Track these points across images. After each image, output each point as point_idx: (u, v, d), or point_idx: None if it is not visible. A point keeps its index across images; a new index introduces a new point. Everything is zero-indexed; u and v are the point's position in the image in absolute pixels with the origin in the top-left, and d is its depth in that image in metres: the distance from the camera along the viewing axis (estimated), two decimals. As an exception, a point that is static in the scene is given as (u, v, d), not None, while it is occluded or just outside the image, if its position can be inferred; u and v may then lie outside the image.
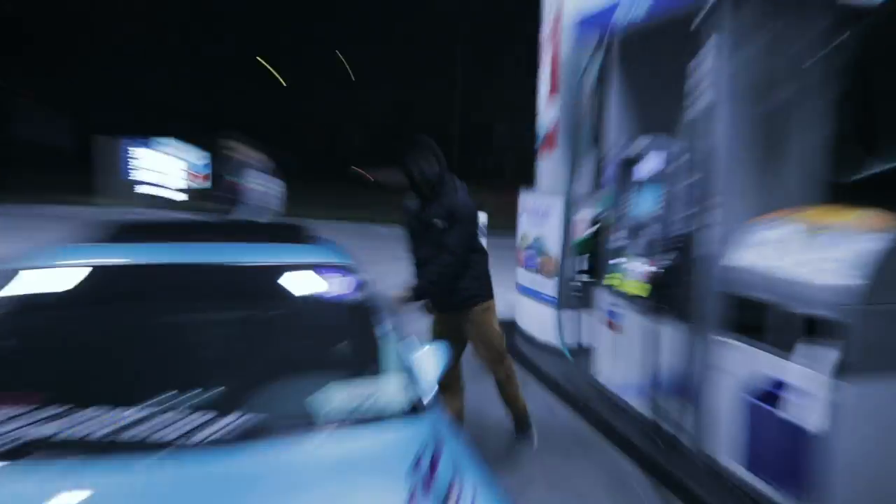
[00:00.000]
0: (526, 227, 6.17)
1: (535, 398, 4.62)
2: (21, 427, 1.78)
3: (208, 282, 2.49)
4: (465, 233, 3.65)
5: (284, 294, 2.57)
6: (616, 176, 4.36)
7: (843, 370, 2.76)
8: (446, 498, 1.69)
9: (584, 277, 4.65)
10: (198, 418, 1.86)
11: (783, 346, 3.03)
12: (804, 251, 3.06)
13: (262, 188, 7.16)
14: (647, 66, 4.62)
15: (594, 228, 4.63)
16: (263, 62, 34.86)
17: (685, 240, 3.66)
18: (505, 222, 7.90)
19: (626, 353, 4.31)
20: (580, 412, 4.59)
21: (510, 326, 6.03)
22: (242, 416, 1.88)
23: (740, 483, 3.32)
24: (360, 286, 2.62)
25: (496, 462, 3.61)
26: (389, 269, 4.59)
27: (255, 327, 2.44)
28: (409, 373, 2.33)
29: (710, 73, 3.50)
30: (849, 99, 3.66)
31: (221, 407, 1.90)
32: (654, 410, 3.93)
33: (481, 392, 4.13)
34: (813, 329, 2.91)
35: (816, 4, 3.56)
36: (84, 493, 1.62)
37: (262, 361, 2.27)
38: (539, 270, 5.87)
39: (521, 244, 6.23)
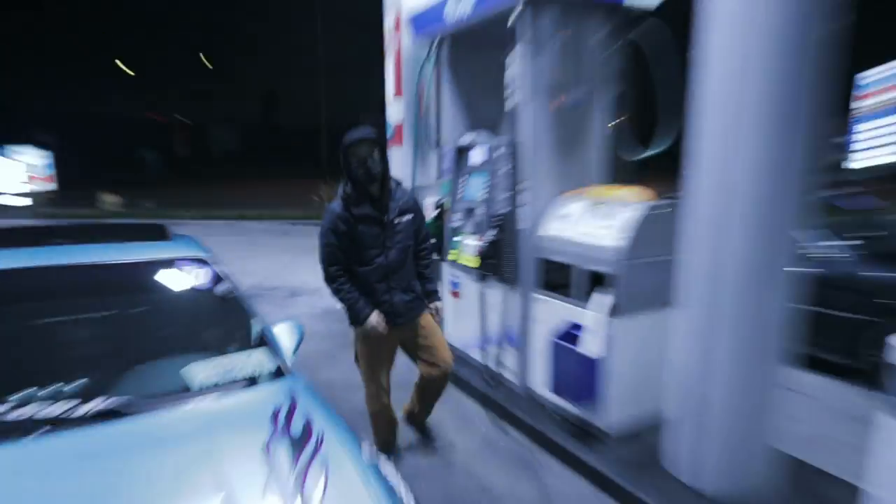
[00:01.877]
0: None
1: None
2: None
3: (74, 281, 2.51)
4: (425, 224, 3.49)
5: (148, 287, 2.65)
6: (452, 166, 4.59)
7: (615, 311, 3.45)
8: (301, 438, 1.97)
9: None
10: (73, 404, 2.00)
11: (580, 298, 3.59)
12: (591, 221, 3.62)
13: None
14: (475, 65, 4.66)
15: (437, 212, 4.85)
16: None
17: (505, 218, 4.02)
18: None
19: (465, 316, 4.69)
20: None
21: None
22: (115, 397, 2.06)
23: (550, 404, 3.96)
24: (218, 275, 2.75)
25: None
26: (252, 254, 4.43)
27: (123, 319, 2.50)
28: (271, 345, 2.54)
29: (517, 75, 3.74)
30: (631, 92, 4.00)
31: (96, 392, 2.06)
32: (487, 358, 4.37)
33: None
34: (601, 282, 3.49)
35: (602, 10, 3.83)
36: None
37: (134, 349, 2.37)
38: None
39: None
